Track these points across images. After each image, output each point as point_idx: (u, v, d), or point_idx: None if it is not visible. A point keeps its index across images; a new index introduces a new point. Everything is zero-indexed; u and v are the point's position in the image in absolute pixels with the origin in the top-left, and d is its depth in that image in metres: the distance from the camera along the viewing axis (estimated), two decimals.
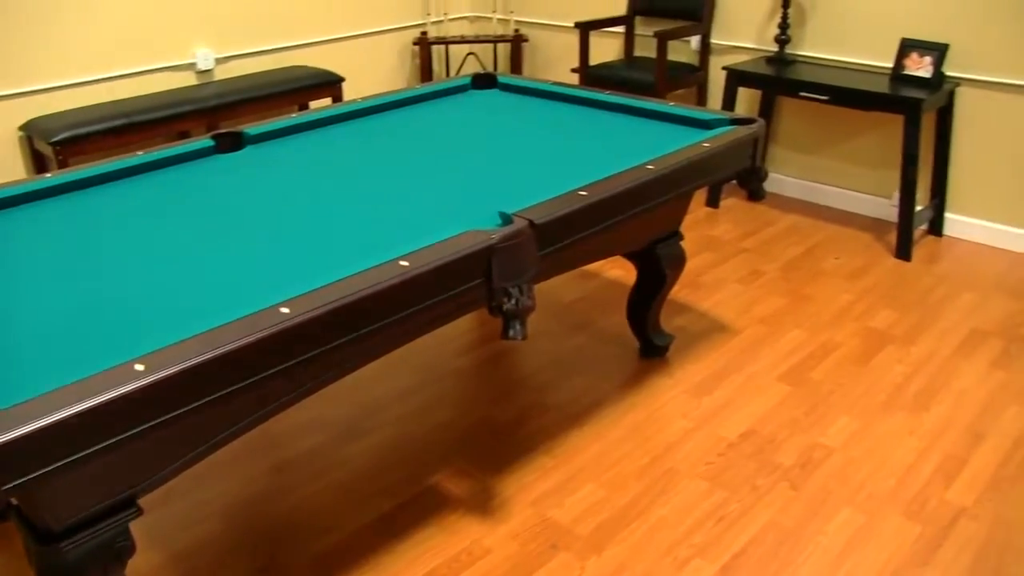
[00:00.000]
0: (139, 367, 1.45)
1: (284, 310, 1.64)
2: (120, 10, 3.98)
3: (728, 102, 4.15)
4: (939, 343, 3.11)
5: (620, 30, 4.77)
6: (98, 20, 3.92)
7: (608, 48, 4.92)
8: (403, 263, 1.82)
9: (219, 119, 4.06)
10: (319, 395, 2.85)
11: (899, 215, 3.76)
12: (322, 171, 2.51)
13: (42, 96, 3.84)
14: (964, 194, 3.93)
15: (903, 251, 3.77)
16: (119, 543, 1.59)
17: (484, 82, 3.35)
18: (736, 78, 4.10)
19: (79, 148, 3.65)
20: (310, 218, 2.17)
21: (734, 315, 3.32)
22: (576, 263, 2.52)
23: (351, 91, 4.71)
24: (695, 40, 4.53)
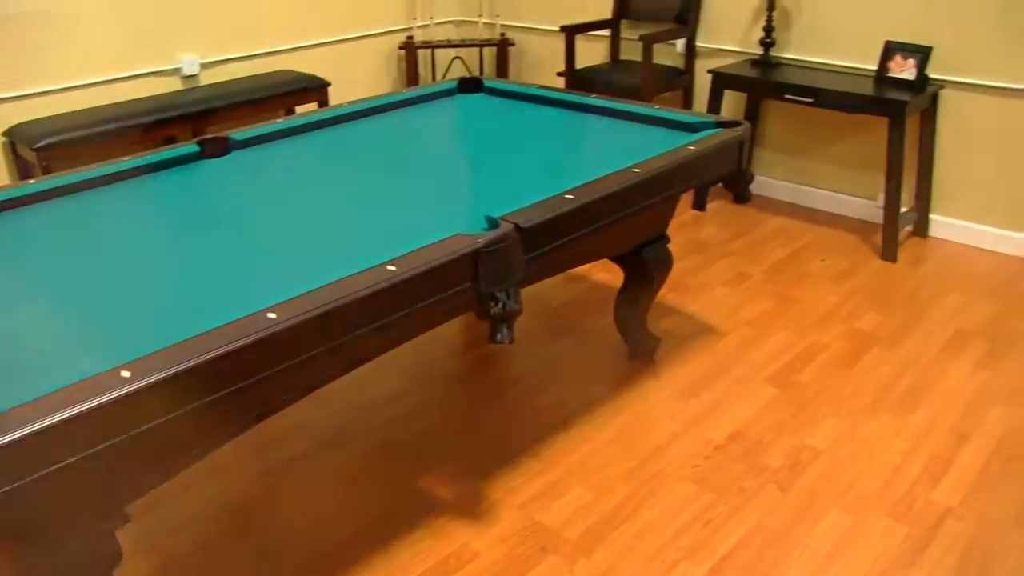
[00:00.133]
0: (125, 374, 1.45)
1: (271, 315, 1.63)
2: (104, 16, 3.96)
3: (714, 105, 4.17)
4: (924, 344, 3.13)
5: (606, 34, 4.78)
6: (82, 26, 3.90)
7: (594, 52, 4.93)
8: (390, 267, 1.82)
9: (205, 124, 4.04)
10: (307, 399, 2.83)
11: (884, 217, 3.79)
12: (308, 176, 2.51)
13: (25, 102, 3.81)
14: (949, 196, 3.96)
15: (889, 253, 3.79)
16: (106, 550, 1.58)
17: (470, 86, 3.34)
18: (721, 81, 4.12)
19: (63, 154, 3.63)
20: (296, 223, 2.17)
21: (721, 318, 3.33)
22: (563, 266, 2.52)
23: (337, 96, 4.70)
24: (680, 43, 4.54)
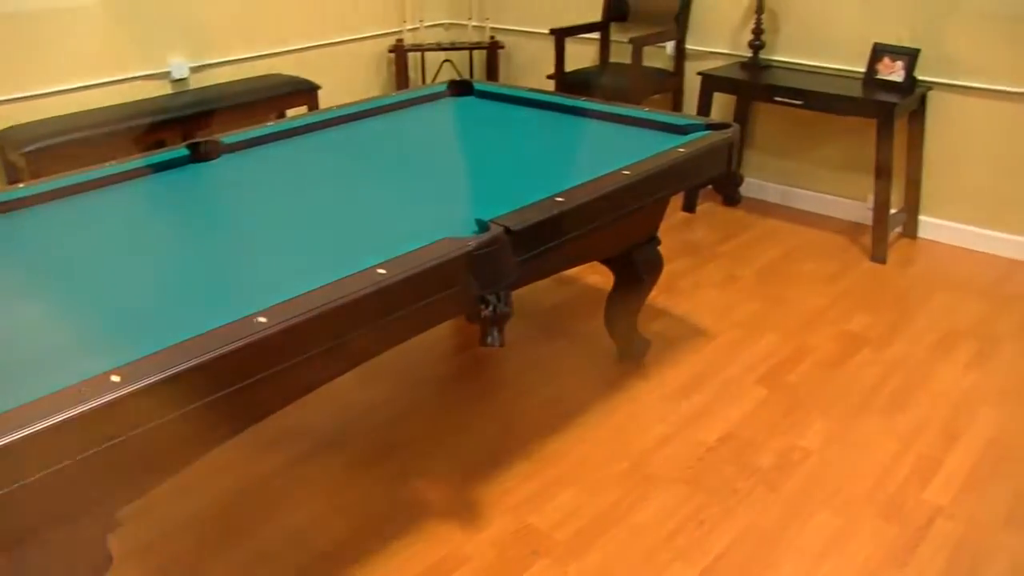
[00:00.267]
0: (115, 378, 1.44)
1: (261, 319, 1.63)
2: (93, 20, 3.95)
3: (703, 107, 4.18)
4: (914, 345, 3.14)
5: (595, 36, 4.79)
6: (70, 30, 3.89)
7: (583, 54, 4.94)
8: (380, 271, 1.82)
9: (195, 128, 4.03)
10: (298, 403, 2.83)
11: (874, 218, 3.80)
12: (298, 179, 2.50)
13: (14, 105, 3.80)
14: (938, 197, 3.98)
15: (878, 254, 3.81)
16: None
17: (460, 89, 3.35)
18: (711, 83, 4.13)
19: (52, 158, 3.62)
20: (286, 226, 2.16)
21: (711, 319, 3.34)
22: (553, 269, 2.53)
23: (327, 99, 4.69)
24: (670, 46, 4.55)
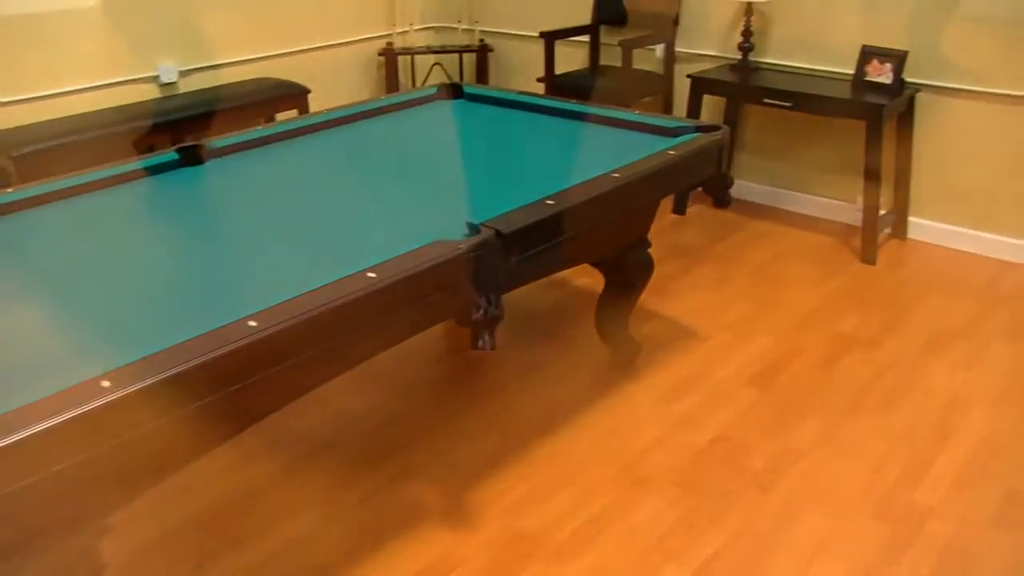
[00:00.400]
0: (105, 383, 1.44)
1: (252, 323, 1.62)
2: (81, 24, 3.93)
3: (693, 110, 4.18)
4: (905, 346, 3.15)
5: (585, 39, 4.79)
6: (59, 34, 3.87)
7: (573, 57, 4.94)
8: (371, 274, 1.82)
9: (184, 132, 4.02)
10: (291, 407, 2.82)
11: (863, 220, 3.81)
12: (288, 183, 2.50)
13: (2, 109, 3.78)
14: (927, 198, 3.99)
15: (868, 255, 3.82)
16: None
17: (450, 92, 3.35)
18: (701, 86, 4.14)
19: (41, 162, 3.60)
20: (277, 230, 2.16)
21: (702, 322, 3.34)
22: (544, 272, 2.52)
23: (317, 102, 4.68)
24: (660, 48, 4.56)
